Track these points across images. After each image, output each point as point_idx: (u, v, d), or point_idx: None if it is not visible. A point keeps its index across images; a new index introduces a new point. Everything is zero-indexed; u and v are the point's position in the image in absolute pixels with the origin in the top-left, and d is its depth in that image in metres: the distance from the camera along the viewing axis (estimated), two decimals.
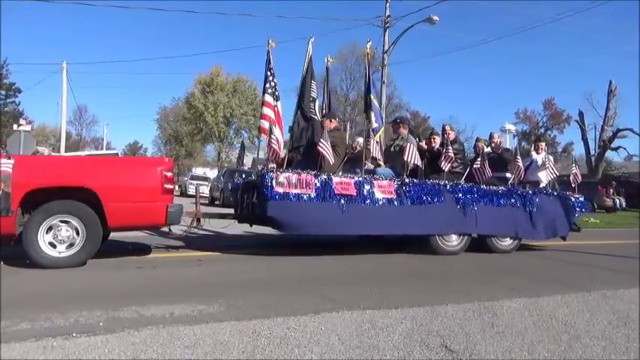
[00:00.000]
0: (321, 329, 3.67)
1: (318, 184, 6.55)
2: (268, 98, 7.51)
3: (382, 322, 3.91)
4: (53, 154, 18.30)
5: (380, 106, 19.61)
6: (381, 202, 6.86)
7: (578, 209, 8.58)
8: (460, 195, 7.39)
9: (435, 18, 17.64)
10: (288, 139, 8.49)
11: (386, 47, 18.75)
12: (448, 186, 7.39)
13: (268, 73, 7.62)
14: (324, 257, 7.25)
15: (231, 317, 3.81)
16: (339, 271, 6.40)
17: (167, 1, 62.85)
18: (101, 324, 3.51)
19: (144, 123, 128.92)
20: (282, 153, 8.00)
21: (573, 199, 8.57)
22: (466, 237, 7.61)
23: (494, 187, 7.79)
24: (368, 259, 7.36)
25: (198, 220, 7.26)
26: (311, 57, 8.25)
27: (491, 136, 9.37)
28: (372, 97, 8.09)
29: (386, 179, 7.10)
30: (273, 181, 6.34)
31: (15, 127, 17.75)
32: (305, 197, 6.44)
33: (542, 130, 66.79)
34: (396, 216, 6.93)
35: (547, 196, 8.28)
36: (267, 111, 7.48)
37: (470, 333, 3.79)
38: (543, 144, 9.59)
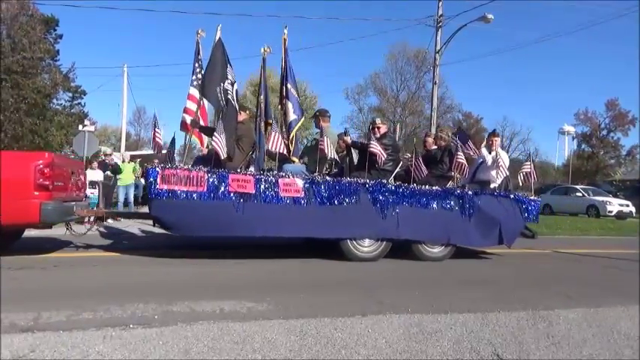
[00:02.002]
0: (368, 331, 3.65)
1: (211, 181, 5.97)
2: (193, 91, 7.04)
3: (431, 326, 3.84)
4: (115, 153, 19.26)
5: (432, 106, 19.22)
6: (285, 202, 6.22)
7: (532, 213, 7.52)
8: (379, 195, 6.56)
9: (490, 16, 17.10)
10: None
11: (438, 47, 18.39)
12: (367, 185, 6.58)
13: (196, 65, 7.13)
14: (375, 261, 7.20)
15: (279, 316, 3.87)
16: (386, 273, 6.33)
17: (222, 3, 64.68)
18: (156, 317, 3.66)
19: None
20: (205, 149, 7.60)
21: (526, 202, 7.51)
22: (385, 242, 6.77)
23: (426, 188, 6.94)
24: (415, 262, 7.25)
25: (101, 219, 6.83)
26: (221, 42, 7.27)
27: (438, 130, 8.22)
28: (289, 85, 7.39)
29: (293, 177, 6.40)
30: (158, 178, 5.87)
31: (80, 127, 18.87)
32: (195, 195, 5.89)
33: (604, 132, 63.41)
34: (302, 217, 6.28)
35: (493, 197, 7.32)
36: (190, 105, 7.02)
37: (523, 342, 3.65)
38: (497, 139, 8.27)
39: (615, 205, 23.36)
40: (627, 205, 23.75)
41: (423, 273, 6.43)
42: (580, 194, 24.09)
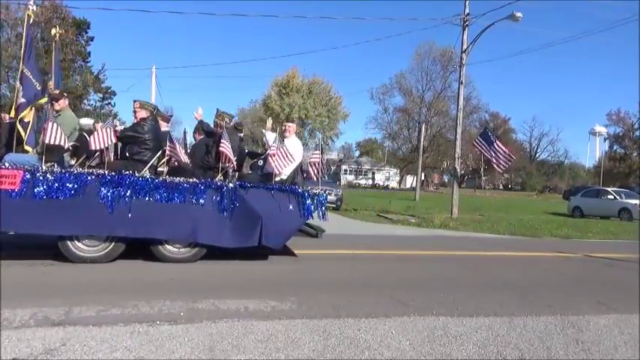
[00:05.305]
0: (392, 333, 3.64)
1: None
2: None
3: (456, 329, 3.80)
4: None
5: (458, 107, 18.99)
6: None
7: (312, 209, 6.51)
8: (107, 188, 5.73)
9: (519, 15, 16.71)
10: None
11: (464, 46, 18.12)
12: (97, 177, 5.75)
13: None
14: (400, 261, 7.16)
15: (303, 315, 3.88)
16: (413, 275, 6.29)
17: (247, 3, 65.39)
18: (182, 314, 3.73)
19: None
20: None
21: (308, 197, 6.50)
22: (115, 242, 5.88)
23: (170, 180, 6.05)
24: (443, 264, 7.17)
25: None
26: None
27: (215, 116, 7.08)
28: (24, 67, 6.67)
29: (12, 168, 5.60)
30: None
31: None
32: None
33: (638, 133, 61.47)
34: (15, 212, 5.48)
35: (264, 191, 6.38)
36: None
37: (551, 348, 3.57)
38: (291, 126, 7.32)
39: None
40: None
41: (448, 275, 6.35)
42: (612, 197, 23.34)
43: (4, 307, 3.56)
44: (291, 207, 6.41)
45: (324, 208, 6.65)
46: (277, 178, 6.73)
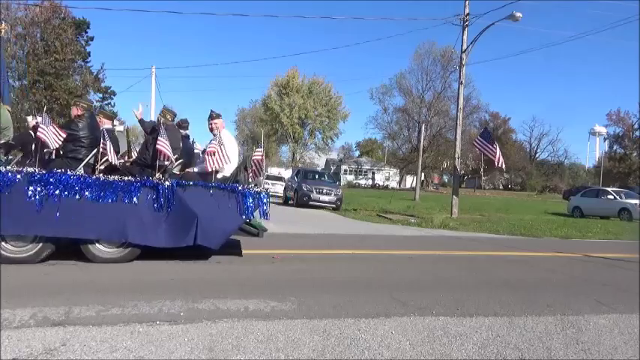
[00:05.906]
0: (391, 333, 3.64)
1: None
2: None
3: (456, 330, 3.80)
4: None
5: (458, 107, 19.02)
6: None
7: (252, 208, 6.31)
8: (34, 186, 5.51)
9: (518, 14, 16.71)
10: None
11: (464, 47, 18.11)
12: (24, 175, 5.52)
13: None
14: (400, 261, 7.16)
15: (303, 315, 3.89)
16: (413, 275, 6.29)
17: (248, 4, 65.46)
18: (182, 314, 3.73)
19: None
20: None
21: (248, 196, 6.28)
22: (43, 242, 5.61)
23: (103, 177, 5.85)
24: (443, 264, 7.17)
25: None
26: None
27: (162, 112, 7.02)
28: None
29: None
30: None
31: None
32: None
33: (637, 133, 61.51)
34: None
35: (204, 189, 6.16)
36: None
37: (551, 348, 3.57)
38: (217, 122, 6.97)
39: None
40: None
41: (448, 275, 6.35)
42: (612, 197, 23.35)
43: (4, 307, 3.56)
44: (229, 206, 6.21)
45: (265, 207, 6.46)
46: (219, 176, 6.52)
